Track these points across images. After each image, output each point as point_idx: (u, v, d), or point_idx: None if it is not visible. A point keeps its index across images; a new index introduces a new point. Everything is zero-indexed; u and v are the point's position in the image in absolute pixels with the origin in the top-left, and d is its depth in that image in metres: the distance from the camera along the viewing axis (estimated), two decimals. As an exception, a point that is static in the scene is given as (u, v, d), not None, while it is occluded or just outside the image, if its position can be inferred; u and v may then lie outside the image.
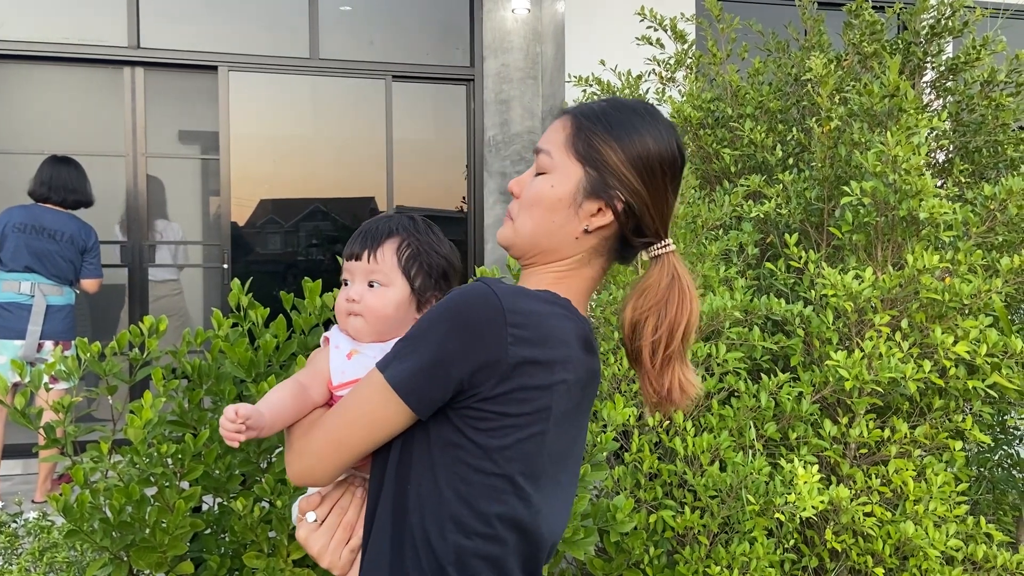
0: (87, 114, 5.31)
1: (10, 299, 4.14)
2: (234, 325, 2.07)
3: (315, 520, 1.15)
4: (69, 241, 4.23)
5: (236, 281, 2.08)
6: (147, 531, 1.72)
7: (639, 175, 1.09)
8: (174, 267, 5.47)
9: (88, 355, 1.96)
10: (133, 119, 5.28)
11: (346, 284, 1.25)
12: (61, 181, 4.27)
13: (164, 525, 1.72)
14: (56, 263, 4.20)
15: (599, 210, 1.10)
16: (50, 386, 1.98)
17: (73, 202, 4.31)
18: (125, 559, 1.75)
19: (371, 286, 1.21)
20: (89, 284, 4.40)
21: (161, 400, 1.83)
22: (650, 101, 3.60)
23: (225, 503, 1.94)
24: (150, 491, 1.78)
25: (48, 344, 4.20)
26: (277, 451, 2.00)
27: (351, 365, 1.17)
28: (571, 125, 1.12)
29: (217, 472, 1.87)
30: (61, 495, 1.66)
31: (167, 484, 1.76)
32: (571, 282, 1.13)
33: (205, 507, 2.00)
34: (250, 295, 2.08)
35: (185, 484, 1.82)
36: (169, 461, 1.77)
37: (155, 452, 1.73)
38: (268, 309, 2.11)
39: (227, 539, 1.90)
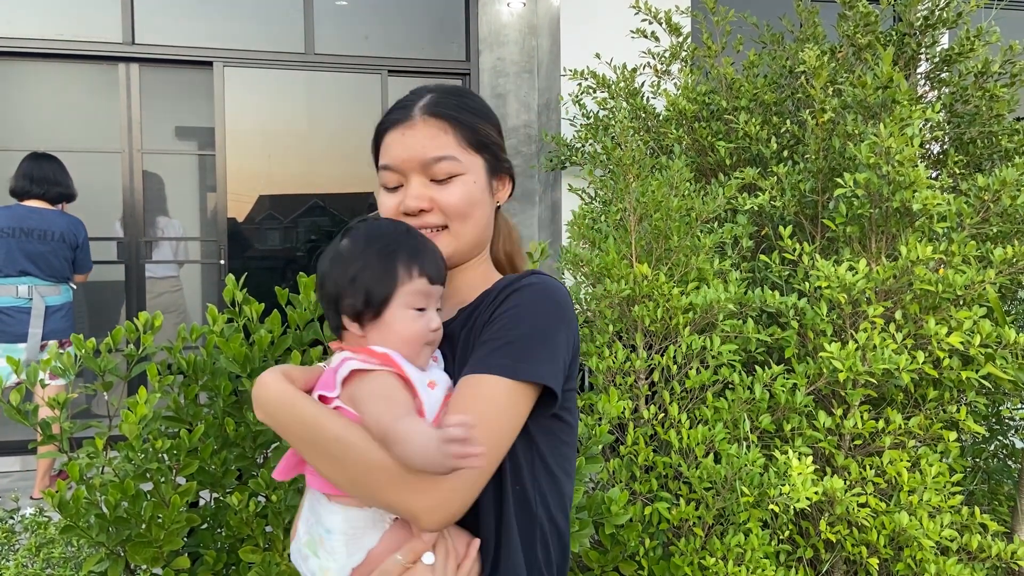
0: (83, 111, 5.30)
1: (8, 303, 4.13)
2: (229, 321, 2.07)
3: (432, 561, 1.01)
4: (60, 239, 4.21)
5: (231, 277, 2.08)
6: (143, 526, 1.72)
7: (502, 137, 1.24)
8: (174, 263, 5.47)
9: (83, 351, 1.96)
10: (129, 115, 5.27)
11: (421, 311, 1.06)
12: (43, 174, 4.24)
13: (160, 520, 1.73)
14: (50, 263, 4.19)
15: (503, 184, 1.25)
16: (46, 382, 1.99)
17: (56, 195, 4.28)
18: (121, 554, 1.75)
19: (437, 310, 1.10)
20: (79, 277, 4.42)
21: (156, 396, 1.84)
22: (645, 94, 3.60)
23: (221, 498, 1.94)
24: (146, 487, 1.78)
25: (52, 344, 4.20)
26: (273, 447, 2.00)
27: (435, 395, 1.04)
28: (450, 126, 1.15)
29: (213, 467, 1.87)
30: (57, 491, 1.67)
31: (163, 479, 1.76)
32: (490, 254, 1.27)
33: (201, 502, 2.01)
34: (244, 290, 2.08)
35: (181, 479, 1.82)
36: (164, 456, 1.77)
37: (150, 448, 1.74)
38: (263, 304, 2.11)
39: (223, 534, 1.91)
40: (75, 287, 4.42)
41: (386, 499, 0.96)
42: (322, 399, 1.02)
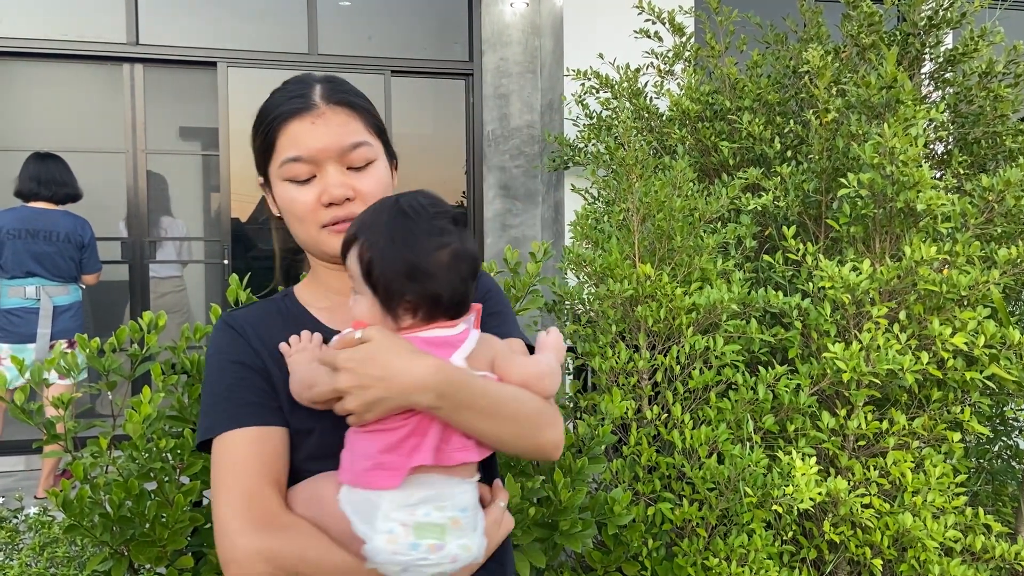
0: (87, 111, 5.31)
1: (17, 304, 4.17)
2: (233, 320, 2.07)
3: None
4: (66, 240, 4.24)
5: (234, 276, 2.09)
6: (147, 526, 1.72)
7: None
8: (178, 263, 5.48)
9: (88, 351, 1.97)
10: (133, 115, 5.28)
11: None
12: (50, 176, 4.27)
13: (164, 519, 1.73)
14: (57, 263, 4.21)
15: (394, 171, 1.24)
16: (51, 382, 1.99)
17: (64, 196, 4.31)
18: (125, 554, 1.75)
19: None
20: (89, 278, 4.43)
21: (160, 395, 1.84)
22: (648, 94, 3.60)
23: (225, 498, 1.94)
24: (150, 486, 1.78)
25: (62, 344, 4.22)
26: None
27: None
28: (355, 112, 1.15)
29: (216, 467, 1.87)
30: (61, 491, 1.67)
31: (166, 479, 1.76)
32: None
33: (205, 501, 2.01)
34: (248, 290, 2.08)
35: (185, 479, 1.83)
36: (168, 456, 1.78)
37: (154, 447, 1.74)
38: (266, 304, 2.11)
39: (227, 533, 1.91)
40: (83, 287, 4.43)
41: (543, 438, 1.07)
42: None
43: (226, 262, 5.41)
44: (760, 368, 2.27)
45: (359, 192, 1.11)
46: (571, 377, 2.67)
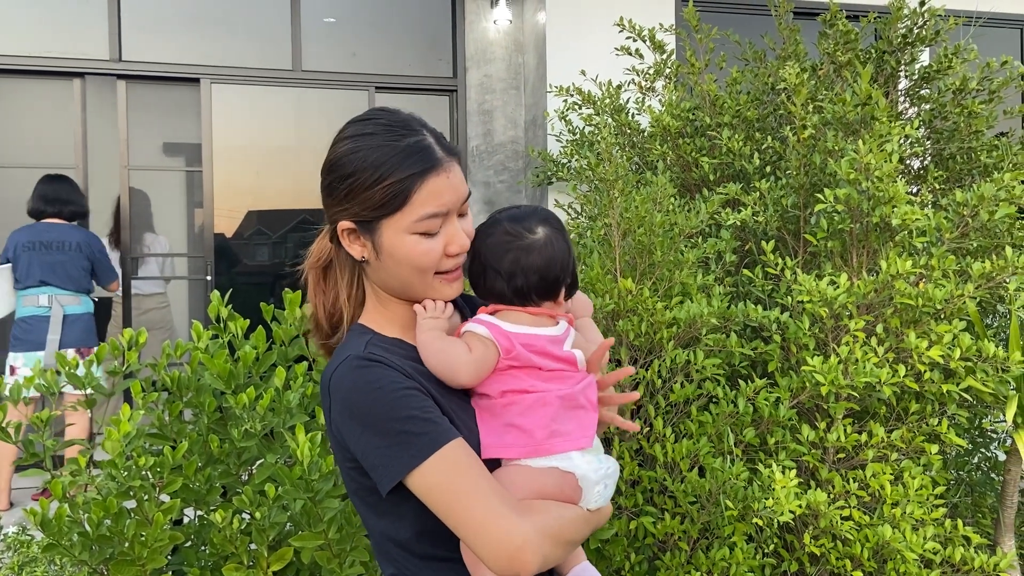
0: (69, 127, 5.29)
1: (30, 313, 4.35)
2: (214, 337, 2.07)
3: None
4: (77, 250, 4.45)
5: (216, 293, 2.09)
6: (126, 544, 1.72)
7: None
8: (161, 280, 5.46)
9: (67, 368, 1.96)
10: (116, 132, 5.27)
11: None
12: (56, 195, 4.51)
13: (143, 538, 1.72)
14: (69, 272, 4.41)
15: None
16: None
17: (70, 213, 4.54)
18: (104, 573, 1.74)
19: None
20: (111, 286, 4.71)
21: (140, 413, 1.83)
22: (630, 111, 3.63)
23: (205, 515, 1.94)
24: (129, 504, 1.77)
25: (70, 352, 4.33)
26: (258, 463, 2.00)
27: None
28: (459, 162, 1.19)
29: (197, 484, 1.87)
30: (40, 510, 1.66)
31: (146, 497, 1.76)
32: None
33: (185, 520, 2.00)
34: (229, 307, 2.08)
35: (164, 497, 1.82)
36: (148, 474, 1.77)
37: (133, 465, 1.73)
38: (248, 321, 2.11)
39: (207, 552, 1.90)
40: (96, 300, 4.62)
41: None
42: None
43: (209, 278, 5.39)
44: (740, 381, 2.28)
45: (471, 238, 1.16)
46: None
